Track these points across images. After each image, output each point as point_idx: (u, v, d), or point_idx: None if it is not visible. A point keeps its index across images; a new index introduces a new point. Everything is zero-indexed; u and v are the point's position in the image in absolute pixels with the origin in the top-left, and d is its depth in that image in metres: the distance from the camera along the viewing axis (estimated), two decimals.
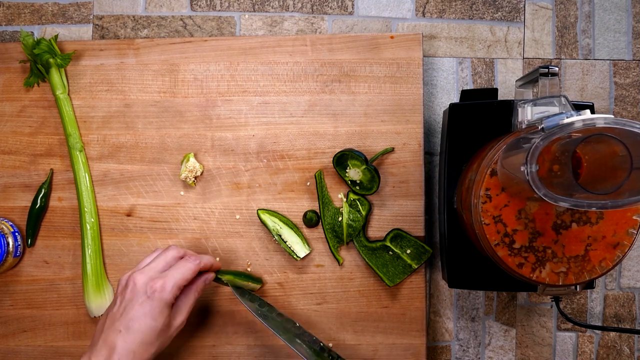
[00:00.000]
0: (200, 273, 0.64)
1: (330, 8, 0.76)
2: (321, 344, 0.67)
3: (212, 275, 0.65)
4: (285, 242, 0.69)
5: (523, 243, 0.53)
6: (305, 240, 0.70)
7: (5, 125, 0.73)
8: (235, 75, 0.72)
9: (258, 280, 0.70)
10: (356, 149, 0.71)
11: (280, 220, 0.70)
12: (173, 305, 0.60)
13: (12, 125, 0.73)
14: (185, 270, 0.60)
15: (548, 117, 0.48)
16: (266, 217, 0.70)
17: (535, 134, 0.48)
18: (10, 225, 0.71)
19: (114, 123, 0.73)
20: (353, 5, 0.76)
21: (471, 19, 0.75)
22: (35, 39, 0.70)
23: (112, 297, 0.71)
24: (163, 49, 0.73)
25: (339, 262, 0.71)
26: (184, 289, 0.62)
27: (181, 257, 0.63)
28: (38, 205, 0.71)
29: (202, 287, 0.64)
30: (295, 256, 0.69)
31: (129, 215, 0.72)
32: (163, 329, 0.58)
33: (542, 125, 0.48)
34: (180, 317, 0.61)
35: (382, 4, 0.76)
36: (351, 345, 0.70)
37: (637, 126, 0.42)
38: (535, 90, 0.64)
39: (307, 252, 0.70)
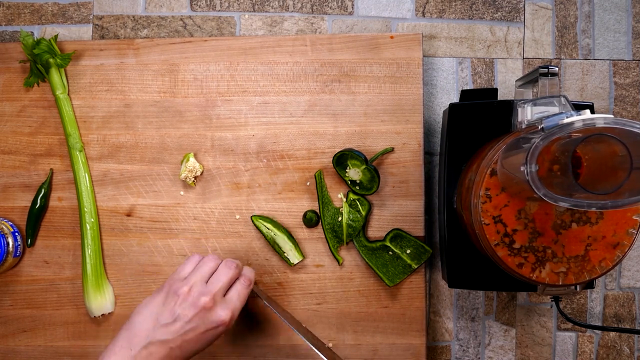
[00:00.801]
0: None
1: (330, 8, 0.76)
2: None
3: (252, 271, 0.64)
4: (280, 248, 0.70)
5: (523, 243, 0.53)
6: (299, 247, 0.70)
7: (5, 125, 0.73)
8: (235, 75, 0.72)
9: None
10: (356, 149, 0.71)
11: (274, 226, 0.70)
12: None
13: (12, 125, 0.73)
14: (244, 295, 0.60)
15: (548, 117, 0.48)
16: (260, 224, 0.70)
17: (535, 134, 0.48)
18: (10, 225, 0.71)
19: (114, 123, 0.73)
20: (353, 5, 0.76)
21: (471, 19, 0.75)
22: (35, 39, 0.70)
23: (112, 297, 0.71)
24: (163, 49, 0.73)
25: (338, 262, 0.71)
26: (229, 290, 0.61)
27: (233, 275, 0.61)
28: (38, 205, 0.71)
29: (248, 284, 0.62)
30: (289, 262, 0.70)
31: (129, 215, 0.72)
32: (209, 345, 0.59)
33: (542, 125, 0.48)
34: (230, 321, 0.59)
35: (382, 4, 0.76)
36: (351, 345, 0.70)
37: (637, 126, 0.42)
38: (535, 90, 0.64)
39: (300, 259, 0.70)
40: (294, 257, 0.70)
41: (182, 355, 0.57)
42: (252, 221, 0.70)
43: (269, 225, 0.70)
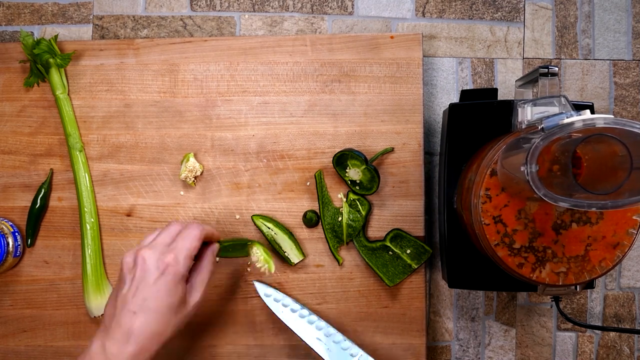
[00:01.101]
0: (204, 246, 0.61)
1: (330, 8, 0.76)
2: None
3: (216, 245, 0.62)
4: (280, 247, 0.70)
5: (523, 243, 0.53)
6: (300, 246, 0.70)
7: (5, 125, 0.73)
8: (235, 75, 0.72)
9: (247, 244, 0.66)
10: (356, 149, 0.71)
11: (275, 226, 0.70)
12: (187, 281, 0.58)
13: (12, 125, 0.73)
14: (192, 237, 0.57)
15: (548, 117, 0.48)
16: (260, 223, 0.70)
17: (535, 134, 0.48)
18: (10, 225, 0.71)
19: (114, 123, 0.73)
20: (353, 5, 0.76)
21: (471, 19, 0.75)
22: (35, 39, 0.70)
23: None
24: (163, 49, 0.73)
25: (338, 262, 0.71)
26: (195, 266, 0.60)
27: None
28: (38, 205, 0.71)
29: (212, 259, 0.61)
30: (289, 262, 0.70)
31: (129, 215, 0.72)
32: (180, 305, 0.56)
33: (542, 125, 0.48)
34: (197, 293, 0.58)
35: (382, 4, 0.76)
36: None
37: (637, 126, 0.42)
38: (535, 90, 0.64)
39: (301, 258, 0.70)
40: (294, 256, 0.70)
41: (153, 316, 0.53)
42: (253, 220, 0.70)
43: (269, 225, 0.70)
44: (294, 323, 0.68)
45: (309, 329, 0.67)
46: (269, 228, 0.70)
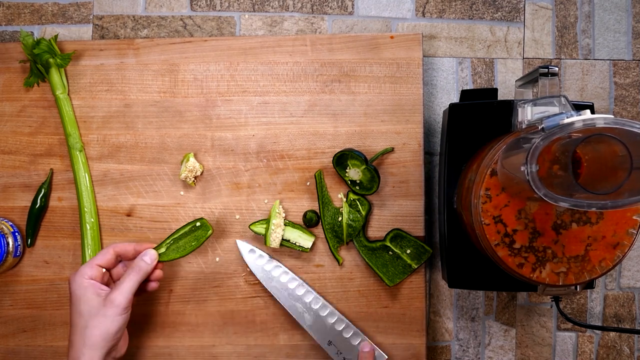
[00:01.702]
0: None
1: (330, 8, 0.76)
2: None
3: (151, 252, 0.65)
4: (288, 241, 0.69)
5: (523, 243, 0.53)
6: (306, 230, 0.70)
7: (5, 125, 0.73)
8: (235, 75, 0.72)
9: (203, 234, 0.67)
10: (356, 149, 0.71)
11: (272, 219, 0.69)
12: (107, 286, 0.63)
13: (12, 125, 0.73)
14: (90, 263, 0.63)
15: (548, 117, 0.48)
16: (259, 228, 0.70)
17: (535, 134, 0.48)
18: (10, 225, 0.71)
19: (114, 123, 0.73)
20: (353, 5, 0.76)
21: (471, 19, 0.75)
22: (35, 39, 0.70)
23: None
24: (163, 49, 0.73)
25: (338, 262, 0.71)
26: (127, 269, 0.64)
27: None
28: (38, 205, 0.71)
29: (141, 267, 0.63)
30: (303, 249, 0.69)
31: (129, 215, 0.72)
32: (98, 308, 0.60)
33: (542, 125, 0.48)
34: (120, 297, 0.61)
35: (382, 4, 0.76)
36: None
37: (637, 126, 0.42)
38: (535, 90, 0.64)
39: (313, 239, 0.69)
40: (305, 241, 0.69)
41: (86, 335, 0.59)
42: (252, 230, 0.70)
43: (265, 225, 0.69)
44: (276, 287, 0.69)
45: (295, 295, 0.69)
46: (265, 227, 0.69)
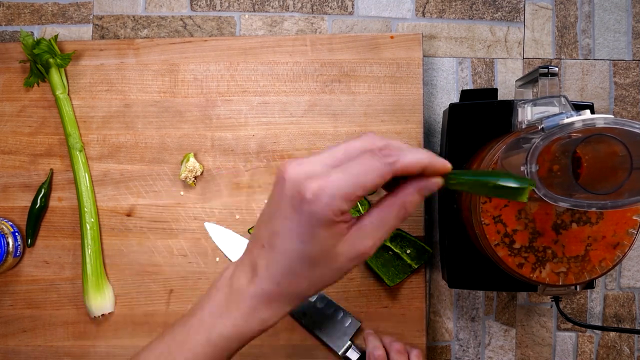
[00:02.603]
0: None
1: (330, 8, 0.76)
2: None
3: (434, 181, 0.39)
4: None
5: (523, 243, 0.53)
6: None
7: (5, 125, 0.73)
8: (235, 75, 0.72)
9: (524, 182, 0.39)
10: None
11: None
12: (348, 222, 0.39)
13: (12, 125, 0.73)
14: (363, 169, 0.37)
15: (548, 117, 0.48)
16: None
17: (535, 134, 0.48)
18: (10, 225, 0.71)
19: (114, 123, 0.73)
20: (353, 5, 0.76)
21: (471, 19, 0.75)
22: (35, 39, 0.70)
23: (112, 298, 0.71)
24: (163, 49, 0.73)
25: None
26: (385, 199, 0.41)
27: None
28: (38, 205, 0.71)
29: (413, 201, 0.40)
30: None
31: (129, 215, 0.72)
32: (320, 256, 0.39)
33: (542, 125, 0.48)
34: (362, 243, 0.39)
35: (382, 4, 0.76)
36: None
37: (637, 126, 0.42)
38: (535, 90, 0.64)
39: None
40: None
41: (278, 267, 0.40)
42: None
43: None
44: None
45: None
46: None
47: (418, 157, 0.38)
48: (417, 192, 0.39)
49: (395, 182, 0.40)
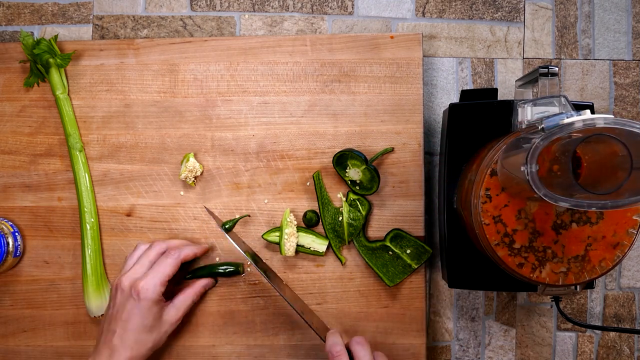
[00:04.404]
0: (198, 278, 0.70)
1: (330, 8, 0.76)
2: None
3: (211, 281, 0.70)
4: (302, 247, 0.69)
5: (523, 243, 0.53)
6: (318, 233, 0.70)
7: (5, 125, 0.73)
8: (235, 75, 0.72)
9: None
10: (356, 149, 0.71)
11: (284, 227, 0.69)
12: (166, 302, 0.65)
13: (12, 125, 0.73)
14: (165, 266, 0.64)
15: (548, 117, 0.48)
16: (272, 237, 0.70)
17: (535, 134, 0.48)
18: (11, 225, 0.71)
19: (114, 123, 0.73)
20: (353, 5, 0.76)
21: (471, 19, 0.75)
22: (35, 39, 0.70)
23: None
24: (163, 49, 0.73)
25: (341, 262, 0.71)
26: (184, 287, 0.68)
27: (163, 253, 0.66)
28: None
29: (199, 291, 0.69)
30: (318, 253, 0.69)
31: (129, 215, 0.72)
32: (154, 325, 0.63)
33: (542, 125, 0.48)
34: (176, 314, 0.66)
35: (382, 4, 0.76)
36: None
37: (637, 126, 0.42)
38: (535, 90, 0.64)
39: (327, 242, 0.70)
40: (319, 245, 0.69)
41: (133, 336, 0.62)
42: (265, 239, 0.70)
43: (277, 233, 0.70)
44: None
45: None
46: (278, 235, 0.69)
47: (191, 250, 0.68)
48: (202, 287, 0.69)
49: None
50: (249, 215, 0.71)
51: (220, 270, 0.70)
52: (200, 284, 0.69)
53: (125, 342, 0.61)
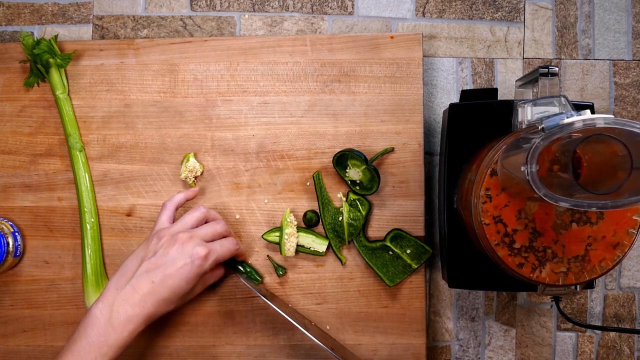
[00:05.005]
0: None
1: (330, 8, 0.76)
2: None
3: (224, 271, 0.70)
4: (303, 247, 0.69)
5: (523, 243, 0.53)
6: (318, 234, 0.70)
7: (5, 125, 0.73)
8: (235, 75, 0.72)
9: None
10: (356, 149, 0.71)
11: (284, 227, 0.70)
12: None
13: (12, 125, 0.73)
14: (227, 249, 0.64)
15: (548, 117, 0.48)
16: (272, 237, 0.70)
17: (536, 134, 0.48)
18: (11, 225, 0.71)
19: (114, 123, 0.73)
20: (353, 5, 0.76)
21: (471, 19, 0.75)
22: (35, 39, 0.70)
23: None
24: (163, 49, 0.73)
25: (342, 262, 0.71)
26: (212, 271, 0.66)
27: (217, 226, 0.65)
28: None
29: (221, 274, 0.69)
30: (318, 253, 0.70)
31: (129, 215, 0.72)
32: (188, 293, 0.63)
33: (542, 125, 0.48)
34: (198, 289, 0.65)
35: (382, 4, 0.76)
36: (351, 345, 0.70)
37: (637, 126, 0.42)
38: (535, 90, 0.64)
39: (327, 242, 0.70)
40: (320, 245, 0.69)
41: (166, 293, 0.59)
42: (264, 239, 0.70)
43: (277, 233, 0.70)
44: None
45: None
46: (280, 235, 0.69)
47: (242, 249, 0.68)
48: (220, 270, 0.68)
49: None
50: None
51: (240, 269, 0.70)
52: (222, 269, 0.69)
53: (157, 297, 0.59)
